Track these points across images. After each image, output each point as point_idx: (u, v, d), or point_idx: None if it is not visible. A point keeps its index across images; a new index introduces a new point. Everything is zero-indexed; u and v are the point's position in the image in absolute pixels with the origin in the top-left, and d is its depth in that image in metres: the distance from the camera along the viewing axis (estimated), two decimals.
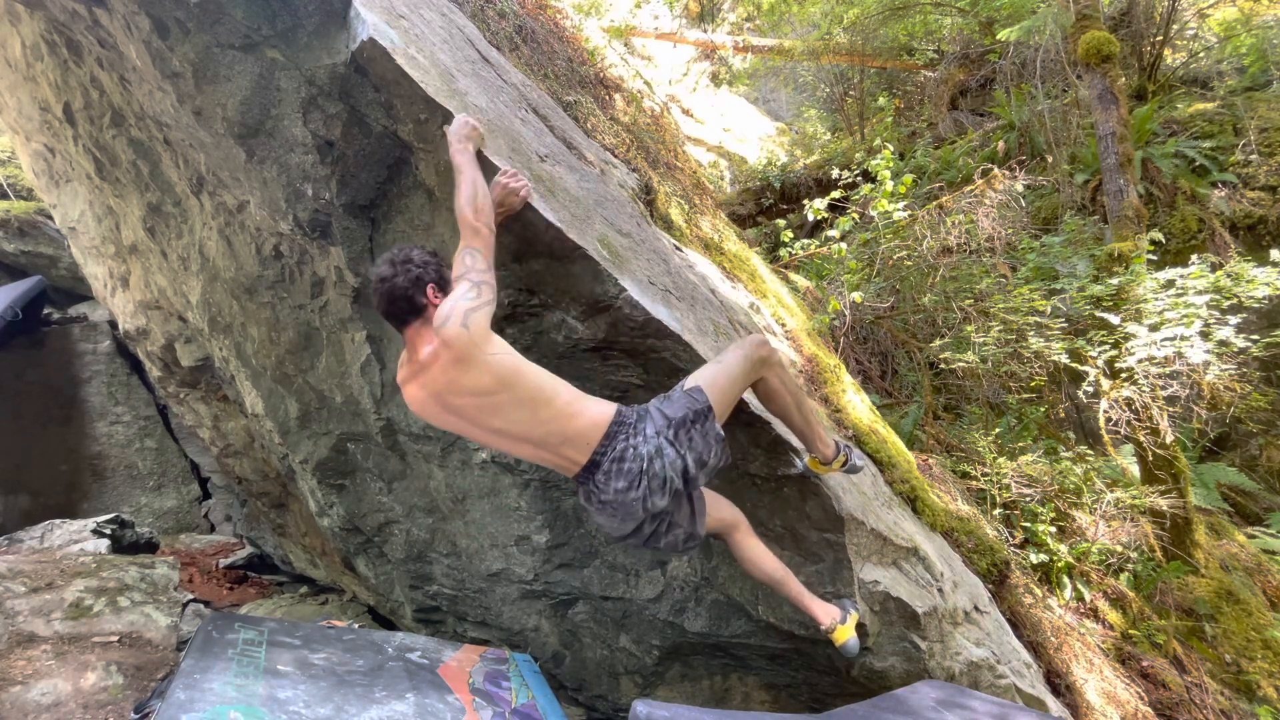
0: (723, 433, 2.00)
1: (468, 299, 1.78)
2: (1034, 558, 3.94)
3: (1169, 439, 4.28)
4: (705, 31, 11.82)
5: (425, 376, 1.87)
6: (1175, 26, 7.99)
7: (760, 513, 2.53)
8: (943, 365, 5.12)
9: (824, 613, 2.29)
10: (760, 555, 2.26)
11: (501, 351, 1.83)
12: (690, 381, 2.05)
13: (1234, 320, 3.85)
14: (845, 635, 2.28)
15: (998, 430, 4.68)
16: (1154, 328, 3.93)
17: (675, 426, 1.92)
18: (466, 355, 1.78)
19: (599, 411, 1.94)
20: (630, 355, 2.32)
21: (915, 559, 2.80)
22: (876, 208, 5.12)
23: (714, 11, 12.42)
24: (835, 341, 4.89)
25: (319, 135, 2.30)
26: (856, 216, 5.49)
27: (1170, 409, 4.20)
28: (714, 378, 2.04)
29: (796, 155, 10.88)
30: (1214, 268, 4.11)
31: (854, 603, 2.43)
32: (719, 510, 2.21)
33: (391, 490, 3.28)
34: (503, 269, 2.25)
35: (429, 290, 1.88)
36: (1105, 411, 4.33)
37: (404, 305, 1.88)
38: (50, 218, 6.26)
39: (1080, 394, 4.62)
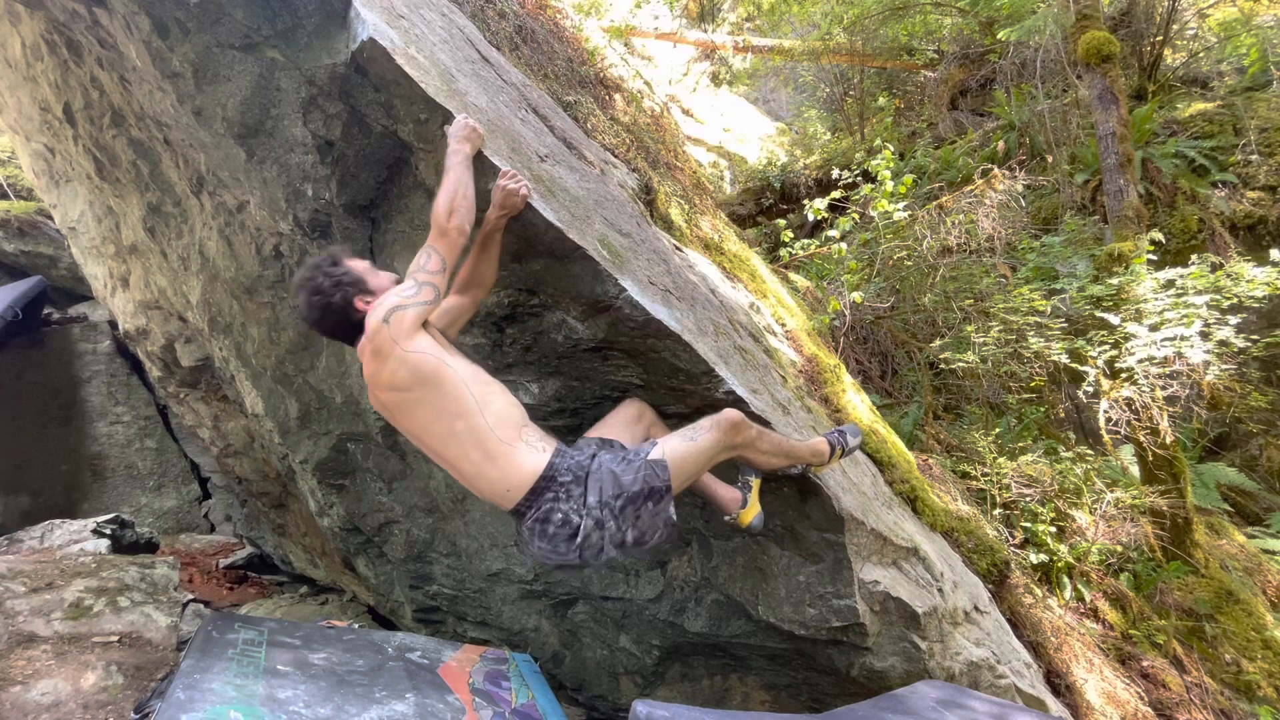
0: (674, 517, 1.87)
1: (402, 295, 1.81)
2: (1034, 558, 3.94)
3: (1169, 439, 4.28)
4: (705, 31, 11.82)
5: (364, 366, 1.90)
6: (1175, 26, 7.98)
7: None
8: (943, 365, 5.12)
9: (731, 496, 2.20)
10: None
11: (426, 351, 1.79)
12: (657, 451, 1.90)
13: (1234, 320, 3.85)
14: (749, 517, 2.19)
15: (998, 430, 4.68)
16: (1154, 328, 3.93)
17: (626, 501, 1.80)
18: (382, 349, 1.79)
19: (527, 462, 1.81)
20: (630, 355, 2.32)
21: (915, 559, 2.81)
22: (876, 208, 5.12)
23: (714, 11, 12.42)
24: (835, 341, 4.89)
25: (319, 135, 2.30)
26: (856, 216, 5.50)
27: (1170, 409, 4.20)
28: (684, 456, 1.91)
29: (796, 155, 10.87)
30: (1214, 268, 4.11)
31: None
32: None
33: (391, 490, 3.28)
34: (502, 269, 2.25)
35: (357, 303, 1.90)
36: (1105, 411, 4.33)
37: (347, 329, 1.93)
38: (50, 218, 6.25)
39: (1080, 394, 4.62)
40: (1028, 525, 4.07)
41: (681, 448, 1.92)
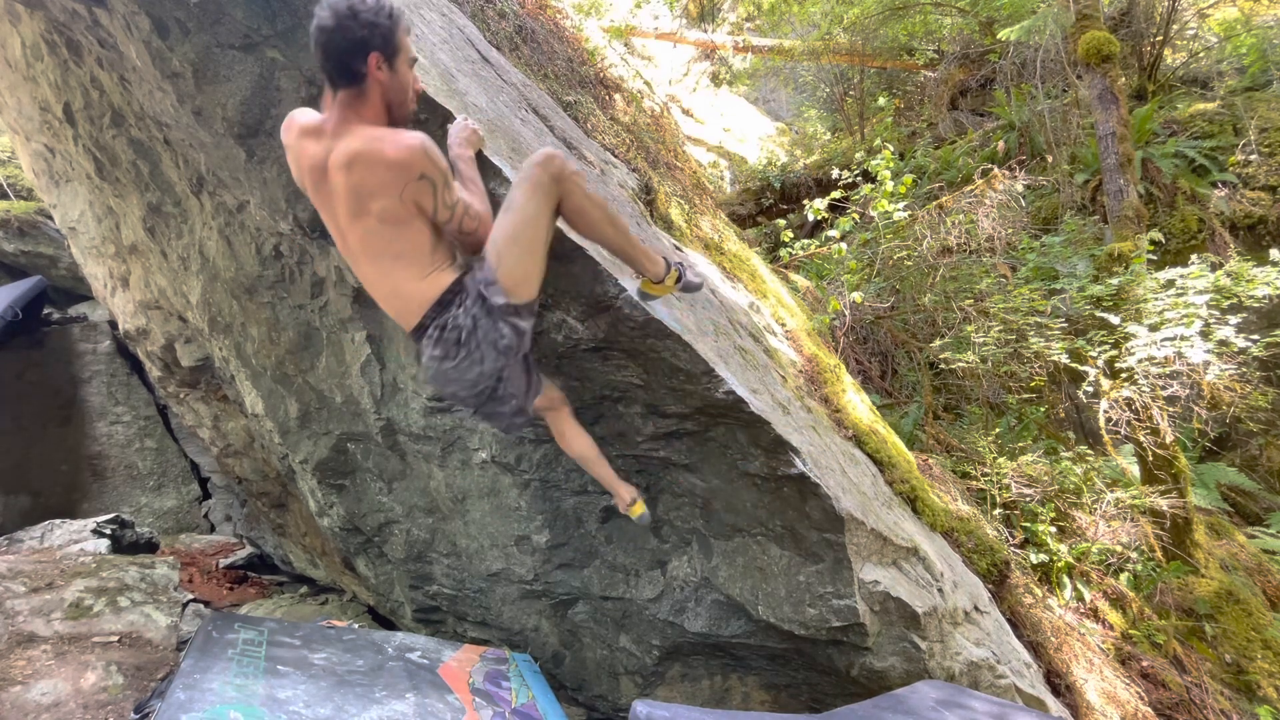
0: (523, 327, 1.86)
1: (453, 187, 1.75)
2: (1034, 558, 3.94)
3: (1169, 439, 4.28)
4: (705, 31, 11.82)
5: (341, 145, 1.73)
6: (1175, 26, 7.99)
7: (760, 513, 2.53)
8: (943, 365, 5.12)
9: (625, 490, 2.41)
10: (574, 434, 2.34)
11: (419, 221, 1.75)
12: (489, 256, 1.81)
13: (1234, 320, 3.85)
14: (640, 510, 2.42)
15: (998, 430, 4.68)
16: (1154, 328, 3.93)
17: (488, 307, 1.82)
18: (397, 172, 1.64)
19: (440, 281, 1.84)
20: (630, 356, 2.32)
21: (915, 559, 2.80)
22: (876, 208, 5.12)
23: (714, 11, 12.42)
24: (835, 341, 4.89)
25: None
26: (856, 216, 5.50)
27: (1170, 409, 4.20)
28: (511, 240, 1.79)
29: (796, 155, 10.88)
30: (1214, 268, 4.11)
31: None
32: (549, 390, 2.26)
33: (391, 490, 3.28)
34: None
35: (371, 60, 1.64)
36: (1105, 411, 4.33)
37: (343, 72, 1.66)
38: (50, 218, 6.25)
39: (1080, 394, 4.62)
40: (1028, 525, 4.07)
41: (506, 231, 1.81)
